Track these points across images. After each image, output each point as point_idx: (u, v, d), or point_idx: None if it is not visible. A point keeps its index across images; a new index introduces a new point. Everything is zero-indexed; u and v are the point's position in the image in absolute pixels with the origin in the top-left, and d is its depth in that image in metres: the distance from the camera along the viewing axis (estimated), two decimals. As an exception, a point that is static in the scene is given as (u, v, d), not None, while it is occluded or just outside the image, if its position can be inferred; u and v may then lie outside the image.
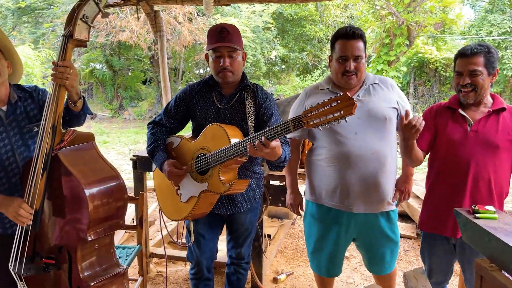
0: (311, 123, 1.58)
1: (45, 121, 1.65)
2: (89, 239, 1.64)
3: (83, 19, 1.64)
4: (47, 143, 1.64)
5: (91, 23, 1.67)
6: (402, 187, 2.17)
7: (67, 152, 1.68)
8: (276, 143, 1.73)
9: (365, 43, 2.00)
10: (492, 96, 1.96)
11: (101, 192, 1.67)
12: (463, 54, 1.88)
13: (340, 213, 2.08)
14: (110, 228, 1.73)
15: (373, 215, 2.07)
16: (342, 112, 1.51)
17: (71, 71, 1.65)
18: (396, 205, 2.16)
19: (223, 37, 1.93)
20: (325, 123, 1.55)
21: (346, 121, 1.54)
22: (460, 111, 1.94)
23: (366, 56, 2.06)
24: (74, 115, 1.82)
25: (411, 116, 1.89)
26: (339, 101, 1.52)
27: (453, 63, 1.99)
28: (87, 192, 1.60)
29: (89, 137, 1.79)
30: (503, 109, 1.90)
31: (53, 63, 1.66)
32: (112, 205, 1.71)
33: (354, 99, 1.50)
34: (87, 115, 1.90)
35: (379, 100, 2.02)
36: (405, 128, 1.76)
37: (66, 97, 1.74)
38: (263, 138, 1.69)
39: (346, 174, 2.00)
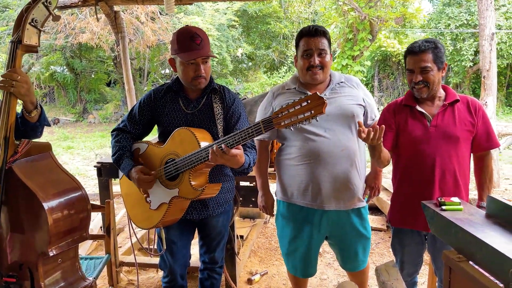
0: (282, 123, 1.58)
1: None
2: (51, 254, 1.56)
3: (32, 24, 1.56)
4: None
5: (41, 27, 1.59)
6: (372, 183, 2.20)
7: (22, 164, 1.59)
8: (237, 151, 1.71)
9: (329, 40, 2.03)
10: (444, 88, 2.03)
11: (61, 204, 1.59)
12: (412, 52, 1.93)
13: (312, 212, 2.08)
14: (73, 242, 1.66)
15: (344, 212, 2.08)
16: (313, 111, 1.52)
17: (18, 77, 1.55)
18: (367, 201, 2.19)
19: (198, 45, 1.86)
20: (296, 123, 1.56)
21: (317, 120, 1.55)
22: (418, 107, 1.99)
23: (331, 55, 2.08)
24: (30, 126, 1.71)
25: (370, 122, 2.02)
26: (309, 101, 1.52)
27: (403, 60, 2.03)
28: (46, 205, 1.52)
29: (46, 147, 1.69)
30: (457, 101, 1.96)
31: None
32: (73, 217, 1.63)
33: (325, 99, 1.51)
34: (45, 126, 1.80)
35: (346, 98, 2.04)
36: (366, 140, 1.76)
37: (22, 107, 1.65)
38: (223, 145, 1.68)
39: (317, 172, 2.00)
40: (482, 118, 1.95)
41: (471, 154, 2.03)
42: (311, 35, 1.98)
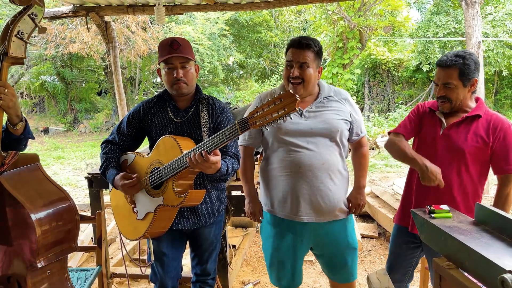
0: (257, 123, 1.60)
1: None
2: (39, 265, 1.55)
3: (18, 36, 1.56)
4: None
5: (27, 39, 1.59)
6: (355, 199, 2.17)
7: (10, 176, 1.58)
8: (216, 157, 1.72)
9: (317, 54, 2.01)
10: (477, 100, 1.99)
11: (49, 215, 1.58)
12: (439, 65, 1.91)
13: (292, 223, 2.08)
14: (62, 253, 1.65)
15: (325, 223, 2.07)
16: (286, 109, 1.54)
17: (5, 90, 1.55)
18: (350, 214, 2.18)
19: (175, 49, 1.92)
20: (271, 121, 1.58)
21: (291, 118, 1.57)
22: (437, 113, 1.99)
23: (320, 69, 2.07)
24: (13, 138, 1.71)
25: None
26: (282, 99, 1.55)
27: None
28: (34, 216, 1.52)
29: (33, 159, 1.69)
30: (479, 116, 1.91)
31: None
32: (61, 228, 1.63)
33: (297, 96, 1.53)
34: (29, 139, 1.79)
35: (332, 112, 2.05)
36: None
37: (5, 119, 1.64)
38: (203, 152, 1.69)
39: (296, 184, 2.01)
40: (503, 139, 1.88)
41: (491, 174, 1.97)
42: (295, 47, 2.00)
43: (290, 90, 1.99)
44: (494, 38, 12.44)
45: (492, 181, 6.19)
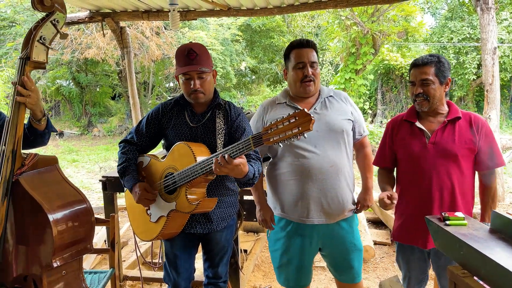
0: (271, 140, 1.60)
1: (4, 146, 1.59)
2: (55, 265, 1.58)
3: (41, 41, 1.60)
4: (6, 169, 1.57)
5: (49, 44, 1.63)
6: (364, 200, 2.20)
7: (29, 176, 1.62)
8: (240, 160, 1.73)
9: (317, 53, 2.07)
10: (448, 104, 2.02)
11: (66, 216, 1.61)
12: (415, 65, 1.95)
13: (302, 226, 2.09)
14: (77, 253, 1.68)
15: (334, 223, 2.09)
16: (300, 128, 1.54)
17: (32, 87, 1.61)
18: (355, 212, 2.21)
19: (191, 60, 1.92)
20: (284, 139, 1.58)
21: (305, 137, 1.57)
22: (417, 124, 1.99)
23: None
24: (38, 134, 1.77)
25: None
26: (297, 118, 1.55)
27: (407, 74, 2.07)
28: (51, 217, 1.55)
29: (52, 160, 1.73)
30: (459, 118, 1.94)
31: (12, 83, 1.61)
32: (78, 229, 1.66)
33: (312, 115, 1.52)
34: (52, 133, 1.86)
35: (335, 113, 2.07)
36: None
37: (29, 116, 1.68)
38: (226, 155, 1.70)
39: (306, 187, 2.02)
40: (485, 136, 1.92)
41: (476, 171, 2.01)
42: (303, 46, 2.02)
43: (302, 90, 2.03)
44: (509, 43, 12.27)
45: (508, 188, 6.10)
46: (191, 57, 1.92)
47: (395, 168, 2.15)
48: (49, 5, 1.62)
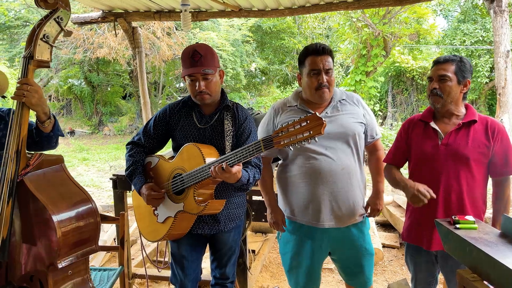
0: (282, 143, 1.60)
1: (9, 146, 1.58)
2: (60, 266, 1.58)
3: (44, 39, 1.58)
4: (11, 169, 1.56)
5: (53, 42, 1.60)
6: (374, 204, 2.20)
7: (34, 176, 1.61)
8: (237, 167, 1.73)
9: (333, 59, 2.03)
10: (466, 107, 1.99)
11: (71, 217, 1.61)
12: (437, 62, 1.94)
13: (313, 229, 2.08)
14: (83, 254, 1.68)
15: (344, 228, 2.08)
16: (311, 132, 1.53)
17: (29, 87, 1.58)
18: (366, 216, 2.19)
19: (195, 61, 1.92)
20: (295, 142, 1.57)
21: (316, 141, 1.56)
22: (432, 124, 1.97)
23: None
24: (43, 136, 1.76)
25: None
26: (308, 121, 1.54)
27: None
28: (55, 218, 1.55)
29: (58, 160, 1.72)
30: (474, 121, 1.91)
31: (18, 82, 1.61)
32: (82, 230, 1.65)
33: (323, 119, 1.52)
34: (59, 136, 1.84)
35: (347, 116, 2.05)
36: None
37: (35, 118, 1.68)
38: (224, 164, 1.70)
39: (317, 190, 2.01)
40: (500, 142, 1.88)
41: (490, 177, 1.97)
42: (318, 54, 1.97)
43: (317, 97, 2.00)
44: (523, 47, 12.10)
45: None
46: (195, 58, 1.92)
47: (408, 168, 2.13)
48: (53, 2, 1.59)
